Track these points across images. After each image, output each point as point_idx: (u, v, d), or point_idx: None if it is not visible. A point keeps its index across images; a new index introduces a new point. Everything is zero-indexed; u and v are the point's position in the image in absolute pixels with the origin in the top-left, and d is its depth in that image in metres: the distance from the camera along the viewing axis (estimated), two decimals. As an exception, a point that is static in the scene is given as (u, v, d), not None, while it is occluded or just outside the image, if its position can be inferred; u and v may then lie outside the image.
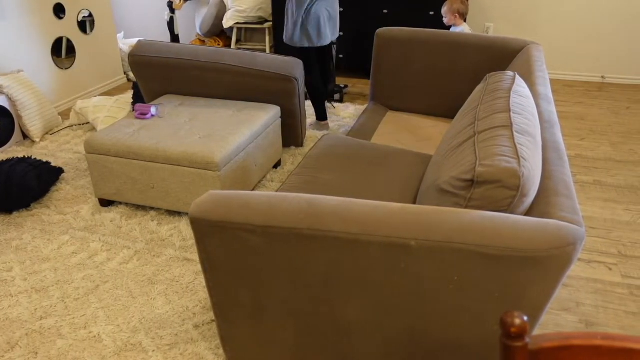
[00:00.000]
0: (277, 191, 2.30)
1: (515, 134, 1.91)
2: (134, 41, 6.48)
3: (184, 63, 4.02)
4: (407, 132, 3.56)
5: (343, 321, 1.91)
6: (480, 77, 3.67)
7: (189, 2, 6.62)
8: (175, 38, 6.40)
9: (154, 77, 4.21)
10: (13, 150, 4.46)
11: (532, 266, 1.57)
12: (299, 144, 4.41)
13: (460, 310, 1.75)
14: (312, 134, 4.68)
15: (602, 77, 6.22)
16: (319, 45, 4.33)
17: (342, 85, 5.64)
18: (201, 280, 2.91)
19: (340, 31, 6.17)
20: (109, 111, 4.76)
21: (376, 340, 1.93)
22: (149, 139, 3.35)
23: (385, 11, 5.92)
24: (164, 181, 3.33)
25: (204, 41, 7.13)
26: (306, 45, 4.31)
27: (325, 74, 4.84)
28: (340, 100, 5.50)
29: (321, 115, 4.72)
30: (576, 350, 1.01)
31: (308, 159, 2.90)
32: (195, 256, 3.10)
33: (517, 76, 2.47)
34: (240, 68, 3.91)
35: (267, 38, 6.64)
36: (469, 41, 3.69)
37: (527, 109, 2.15)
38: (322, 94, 4.61)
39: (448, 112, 3.85)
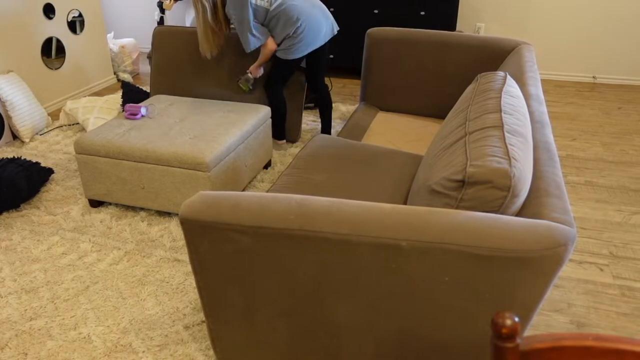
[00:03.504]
0: (267, 192, 2.29)
1: (506, 134, 1.90)
2: (124, 41, 6.46)
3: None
4: (398, 133, 3.56)
5: (334, 322, 1.91)
6: (471, 77, 3.67)
7: (179, 2, 6.60)
8: (166, 38, 6.38)
9: (173, 45, 4.54)
10: (2, 151, 4.44)
11: (523, 267, 1.57)
12: (295, 138, 4.50)
13: (451, 310, 1.74)
14: (306, 130, 4.68)
15: (594, 77, 6.24)
16: (288, 58, 4.05)
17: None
18: (191, 281, 2.90)
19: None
20: (98, 111, 4.74)
21: (367, 340, 1.92)
22: (139, 140, 3.34)
23: (376, 11, 5.92)
24: (154, 182, 3.32)
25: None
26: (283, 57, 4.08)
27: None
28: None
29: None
30: (567, 351, 1.01)
31: (298, 159, 2.89)
32: (185, 257, 3.09)
33: (508, 76, 2.47)
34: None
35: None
36: (460, 41, 3.69)
37: (518, 109, 2.15)
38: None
39: (439, 113, 3.85)
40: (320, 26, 3.90)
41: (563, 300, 2.77)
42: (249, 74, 4.20)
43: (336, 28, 4.11)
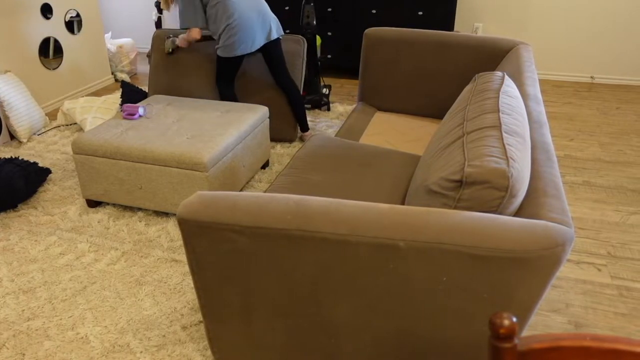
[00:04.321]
0: (265, 192, 2.29)
1: (504, 134, 1.90)
2: (121, 41, 6.46)
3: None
4: (396, 133, 3.56)
5: (332, 322, 1.90)
6: (469, 78, 3.67)
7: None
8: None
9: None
10: (0, 151, 4.43)
11: (521, 267, 1.57)
12: (293, 138, 4.54)
13: (449, 311, 1.74)
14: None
15: (592, 77, 6.24)
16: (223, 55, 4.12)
17: (326, 92, 5.45)
18: (189, 281, 2.90)
19: (329, 31, 6.16)
20: (96, 111, 4.73)
21: (365, 340, 1.92)
22: (137, 140, 3.34)
23: (374, 11, 5.92)
24: (151, 182, 3.32)
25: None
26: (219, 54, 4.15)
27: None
28: (328, 109, 5.38)
29: None
30: (565, 351, 1.01)
31: (296, 159, 2.89)
32: (183, 257, 3.09)
33: (506, 76, 2.47)
34: None
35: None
36: (458, 41, 3.69)
37: (516, 109, 2.15)
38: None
39: (437, 113, 3.85)
40: (254, 29, 3.97)
41: (561, 301, 2.77)
42: (176, 39, 4.45)
43: (279, 33, 4.19)
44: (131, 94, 4.89)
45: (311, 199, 1.76)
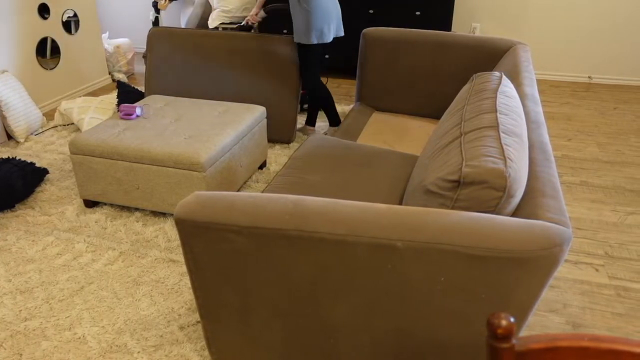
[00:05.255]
0: (262, 192, 2.29)
1: (501, 134, 1.90)
2: (118, 41, 6.45)
3: (202, 33, 4.54)
4: (393, 133, 3.56)
5: (330, 322, 1.90)
6: (466, 78, 3.67)
7: (174, 2, 6.59)
8: (161, 38, 6.36)
9: (168, 46, 4.63)
10: (-3, 151, 4.43)
11: (518, 267, 1.57)
12: (290, 138, 4.52)
13: (446, 311, 1.74)
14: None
15: (589, 77, 6.24)
16: (323, 41, 4.02)
17: None
18: (186, 281, 2.90)
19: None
20: (93, 112, 4.73)
21: (363, 341, 1.92)
22: (134, 140, 3.33)
23: (372, 11, 5.92)
24: (149, 182, 3.32)
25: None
26: (315, 41, 4.01)
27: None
28: None
29: (334, 121, 4.54)
30: (563, 351, 1.01)
31: (294, 159, 2.89)
32: (180, 257, 3.09)
33: (504, 76, 2.47)
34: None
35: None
36: (455, 41, 3.69)
37: (514, 109, 2.15)
38: (330, 97, 4.38)
39: (434, 113, 3.85)
40: (333, 15, 3.98)
41: (559, 301, 2.77)
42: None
43: (339, 33, 4.17)
44: (127, 94, 4.89)
45: (309, 199, 1.76)
